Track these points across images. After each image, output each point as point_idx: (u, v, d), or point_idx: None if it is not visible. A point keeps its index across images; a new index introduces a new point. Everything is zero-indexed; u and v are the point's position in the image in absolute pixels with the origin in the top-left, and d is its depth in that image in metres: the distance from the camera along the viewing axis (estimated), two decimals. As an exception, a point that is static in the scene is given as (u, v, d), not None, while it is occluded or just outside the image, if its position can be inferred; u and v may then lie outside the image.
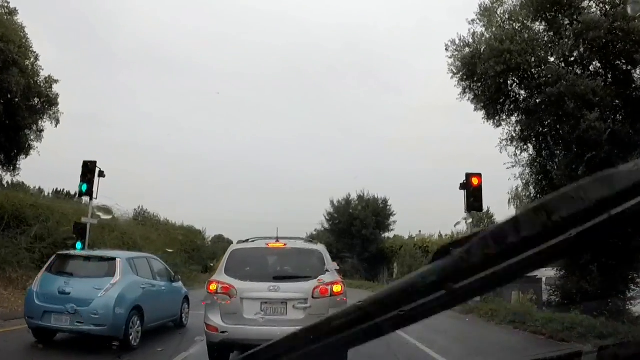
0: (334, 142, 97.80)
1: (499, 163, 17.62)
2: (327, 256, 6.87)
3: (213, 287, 6.42)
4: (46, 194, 29.57)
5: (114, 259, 8.59)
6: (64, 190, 32.21)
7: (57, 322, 7.66)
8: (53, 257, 9.31)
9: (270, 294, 6.21)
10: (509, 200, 39.65)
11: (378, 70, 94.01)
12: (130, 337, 7.95)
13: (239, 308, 6.21)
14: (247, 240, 7.09)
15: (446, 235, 41.17)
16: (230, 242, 71.91)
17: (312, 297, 6.18)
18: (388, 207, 45.80)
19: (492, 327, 10.23)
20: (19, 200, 18.23)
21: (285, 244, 6.80)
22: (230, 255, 6.81)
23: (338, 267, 8.31)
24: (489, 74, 13.19)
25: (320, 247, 7.11)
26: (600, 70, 14.41)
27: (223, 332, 6.14)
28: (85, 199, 17.72)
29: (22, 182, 25.83)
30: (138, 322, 8.21)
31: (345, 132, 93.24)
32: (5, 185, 21.19)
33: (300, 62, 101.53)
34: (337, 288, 6.39)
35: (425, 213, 72.46)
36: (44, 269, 8.89)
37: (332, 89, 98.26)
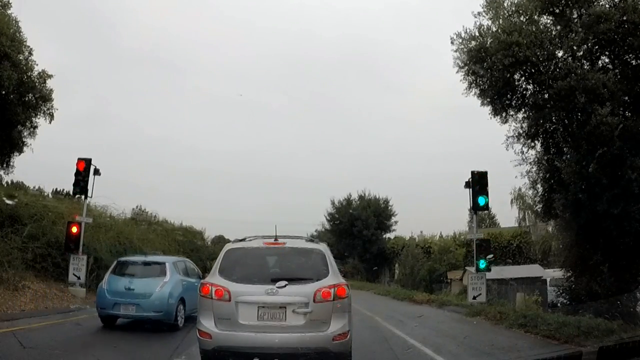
0: (335, 142, 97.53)
1: (501, 163, 17.29)
2: (329, 256, 6.32)
3: (206, 289, 5.86)
4: (46, 194, 29.15)
5: (163, 263, 10.91)
6: (63, 190, 31.84)
7: (125, 311, 9.92)
8: (115, 262, 11.41)
9: (268, 297, 5.62)
10: (512, 200, 39.33)
11: (380, 71, 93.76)
12: (178, 321, 10.24)
13: (234, 313, 5.63)
14: (243, 239, 6.47)
15: (447, 236, 40.76)
16: None
17: (314, 301, 5.63)
18: (389, 207, 45.34)
19: (502, 331, 9.73)
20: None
21: (284, 243, 6.25)
22: (225, 255, 6.25)
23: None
24: (497, 67, 12.76)
25: (322, 247, 6.50)
26: (609, 66, 13.97)
27: (216, 339, 5.62)
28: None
29: (22, 182, 25.45)
30: (182, 309, 10.45)
31: (347, 132, 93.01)
32: (5, 185, 20.79)
33: (301, 62, 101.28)
34: (341, 291, 5.83)
35: (426, 213, 72.17)
36: (109, 271, 10.97)
37: (334, 89, 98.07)
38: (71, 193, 17.82)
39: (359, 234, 42.88)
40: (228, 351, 5.63)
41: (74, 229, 15.47)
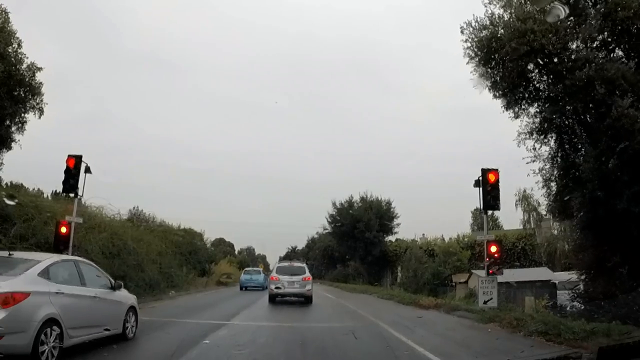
0: (336, 144, 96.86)
1: (505, 165, 16.59)
2: (306, 266, 20.18)
3: (272, 277, 19.29)
4: (45, 195, 28.47)
5: (260, 270, 39.77)
6: (70, 194, 30.99)
7: (249, 284, 33.11)
8: (243, 270, 39.14)
9: (290, 279, 18.42)
10: (516, 202, 38.51)
11: (382, 73, 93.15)
12: (266, 289, 23.87)
13: (280, 284, 18.40)
14: (281, 261, 27.40)
15: (451, 238, 39.90)
16: (231, 245, 71.55)
17: (302, 280, 18.52)
18: (392, 209, 44.49)
19: (521, 339, 8.86)
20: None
21: (293, 263, 21.57)
22: (277, 266, 20.60)
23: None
24: (510, 56, 12.01)
25: (304, 264, 21.08)
26: (624, 59, 13.22)
27: (275, 291, 18.51)
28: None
29: (21, 183, 24.78)
30: (266, 285, 24.69)
31: (348, 133, 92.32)
32: (5, 186, 20.07)
33: (303, 64, 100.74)
34: (309, 278, 18.96)
35: (427, 216, 71.35)
36: (242, 272, 37.68)
37: (336, 90, 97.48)
38: (72, 195, 17.01)
39: (361, 235, 42.03)
40: (278, 295, 18.47)
41: (63, 229, 14.66)
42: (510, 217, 68.20)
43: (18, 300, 5.96)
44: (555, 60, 12.66)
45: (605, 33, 12.95)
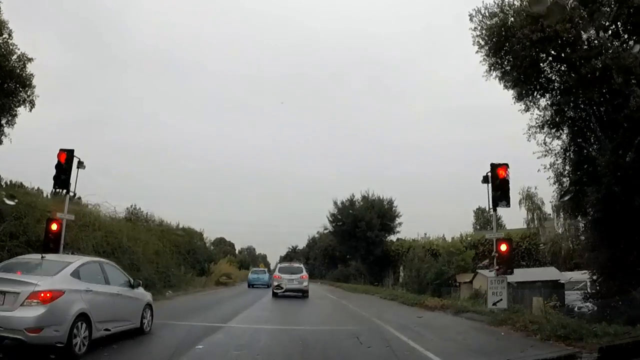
0: (337, 146, 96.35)
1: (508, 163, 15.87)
2: (304, 266, 26.37)
3: (275, 276, 24.30)
4: (45, 194, 27.92)
5: (265, 270, 45.85)
6: (62, 190, 30.27)
7: (257, 283, 37.09)
8: (250, 271, 45.45)
9: (291, 277, 22.93)
10: (520, 201, 37.82)
11: (383, 75, 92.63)
12: (270, 287, 28.06)
13: (282, 282, 22.66)
14: (282, 261, 38.82)
15: (453, 238, 39.25)
16: (231, 245, 72.08)
17: (300, 278, 23.12)
18: (394, 209, 43.82)
19: (539, 344, 8.09)
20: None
21: (293, 264, 27.89)
22: (278, 266, 27.20)
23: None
24: (523, 44, 11.40)
25: (302, 265, 27.18)
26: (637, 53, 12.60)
27: (277, 287, 22.69)
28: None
29: (21, 182, 24.27)
30: (270, 283, 30.14)
31: (349, 135, 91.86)
32: (4, 186, 19.52)
33: (305, 66, 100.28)
34: (305, 276, 23.75)
35: (426, 216, 70.76)
36: (250, 272, 43.80)
37: (337, 93, 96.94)
38: (72, 194, 16.45)
39: (362, 235, 41.40)
40: (280, 292, 22.36)
41: (54, 227, 14.07)
42: (513, 216, 67.61)
43: (55, 298, 6.69)
44: (569, 50, 12.06)
45: (619, 22, 12.36)
